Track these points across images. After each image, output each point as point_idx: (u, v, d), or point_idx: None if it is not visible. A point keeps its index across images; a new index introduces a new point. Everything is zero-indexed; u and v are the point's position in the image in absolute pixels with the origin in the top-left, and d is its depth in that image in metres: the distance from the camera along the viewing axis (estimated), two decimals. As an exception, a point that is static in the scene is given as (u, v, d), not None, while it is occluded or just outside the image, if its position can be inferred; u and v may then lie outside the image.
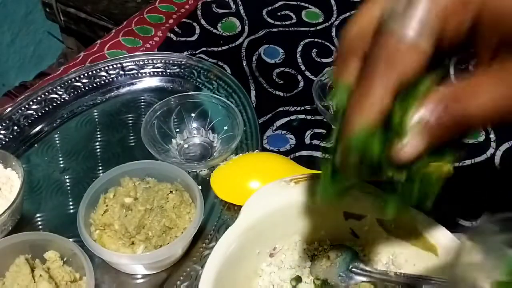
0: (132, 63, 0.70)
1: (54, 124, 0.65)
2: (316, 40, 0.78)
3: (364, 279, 0.46)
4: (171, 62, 0.71)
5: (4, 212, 0.49)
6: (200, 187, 0.52)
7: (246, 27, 0.80)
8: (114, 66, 0.70)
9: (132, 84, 0.70)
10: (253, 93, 0.70)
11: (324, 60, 0.75)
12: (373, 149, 0.30)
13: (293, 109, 0.68)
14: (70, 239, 0.48)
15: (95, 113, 0.67)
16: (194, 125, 0.64)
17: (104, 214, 0.50)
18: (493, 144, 0.64)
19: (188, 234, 0.48)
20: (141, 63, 0.71)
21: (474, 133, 0.40)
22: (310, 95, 0.64)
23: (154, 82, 0.70)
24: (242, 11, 0.83)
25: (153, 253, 0.47)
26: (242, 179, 0.56)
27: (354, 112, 0.29)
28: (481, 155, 0.63)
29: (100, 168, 0.60)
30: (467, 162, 0.62)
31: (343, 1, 0.86)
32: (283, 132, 0.65)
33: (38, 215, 0.56)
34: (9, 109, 0.64)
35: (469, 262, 0.32)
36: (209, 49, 0.76)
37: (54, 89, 0.67)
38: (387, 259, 0.48)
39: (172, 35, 0.78)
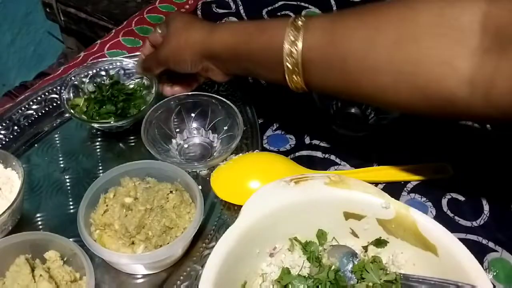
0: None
1: (54, 124, 0.65)
2: (316, 40, 0.78)
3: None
4: (171, 62, 0.71)
5: (4, 212, 0.49)
6: (200, 187, 0.52)
7: (246, 27, 0.80)
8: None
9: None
10: (253, 93, 0.70)
11: (324, 60, 0.75)
12: None
13: (293, 109, 0.68)
14: (70, 239, 0.48)
15: (95, 113, 0.66)
16: (194, 125, 0.64)
17: (104, 214, 0.50)
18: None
19: (188, 234, 0.48)
20: (141, 63, 0.70)
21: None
22: (310, 95, 0.64)
23: (154, 82, 0.70)
24: (242, 11, 0.83)
25: (153, 253, 0.47)
26: (242, 179, 0.56)
27: None
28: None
29: (100, 168, 0.60)
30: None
31: (343, 1, 0.86)
32: (283, 132, 0.65)
33: (38, 215, 0.56)
34: (9, 109, 0.64)
35: None
36: (209, 49, 0.76)
37: (54, 89, 0.67)
38: (387, 259, 0.48)
39: (172, 35, 0.78)
